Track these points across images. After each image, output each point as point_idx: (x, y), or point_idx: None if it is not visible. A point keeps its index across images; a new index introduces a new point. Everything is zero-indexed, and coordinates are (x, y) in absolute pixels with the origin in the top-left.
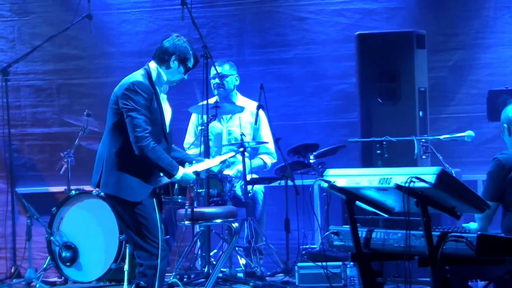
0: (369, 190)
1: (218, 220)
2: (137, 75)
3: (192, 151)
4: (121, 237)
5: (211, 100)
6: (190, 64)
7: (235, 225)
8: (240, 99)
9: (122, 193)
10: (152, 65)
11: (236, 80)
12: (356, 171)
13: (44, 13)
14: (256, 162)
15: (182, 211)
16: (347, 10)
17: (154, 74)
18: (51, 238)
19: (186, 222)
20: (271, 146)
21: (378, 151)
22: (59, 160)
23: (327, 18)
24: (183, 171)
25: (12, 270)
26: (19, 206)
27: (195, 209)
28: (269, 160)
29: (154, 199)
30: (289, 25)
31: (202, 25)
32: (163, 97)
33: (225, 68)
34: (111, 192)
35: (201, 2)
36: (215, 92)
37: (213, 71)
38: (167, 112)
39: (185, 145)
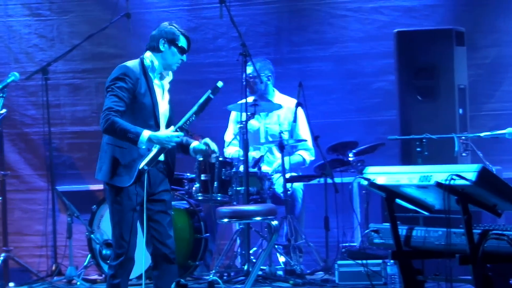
0: (409, 187)
1: (258, 218)
2: (127, 62)
3: (232, 149)
4: None
5: (249, 99)
6: (181, 43)
7: (275, 223)
8: (277, 97)
9: (111, 179)
10: (147, 54)
11: (269, 79)
12: (396, 168)
13: (83, 12)
14: (295, 158)
15: (221, 208)
16: (386, 8)
17: (147, 62)
18: (92, 236)
19: (225, 220)
20: (309, 143)
21: (418, 149)
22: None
23: (365, 16)
24: (149, 134)
25: (53, 268)
26: (60, 204)
27: (235, 207)
28: (308, 156)
29: (136, 200)
30: (327, 23)
31: (241, 23)
32: (163, 85)
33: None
34: (102, 178)
35: (240, 0)
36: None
37: (248, 70)
38: (165, 99)
39: (226, 139)
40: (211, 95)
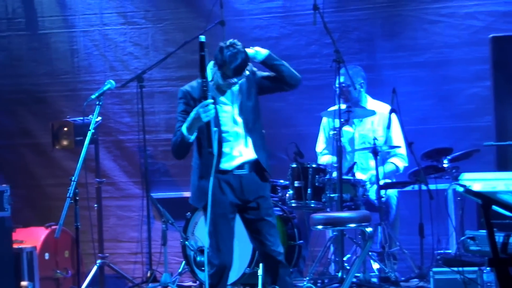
0: (506, 194)
1: (352, 225)
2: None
3: (326, 157)
4: None
5: (342, 105)
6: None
7: (369, 229)
8: (370, 103)
9: (191, 200)
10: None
11: (362, 86)
12: (492, 175)
13: (177, 20)
14: (388, 167)
15: (315, 215)
16: (480, 13)
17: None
18: (186, 242)
19: (319, 227)
20: (403, 150)
21: None
22: None
23: (459, 21)
24: (184, 127)
25: (148, 274)
26: (154, 211)
27: (329, 214)
28: (401, 163)
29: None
30: (420, 29)
31: (334, 29)
32: (232, 91)
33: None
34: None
35: (333, 7)
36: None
37: (342, 78)
38: (236, 104)
39: (318, 151)
40: (202, 53)
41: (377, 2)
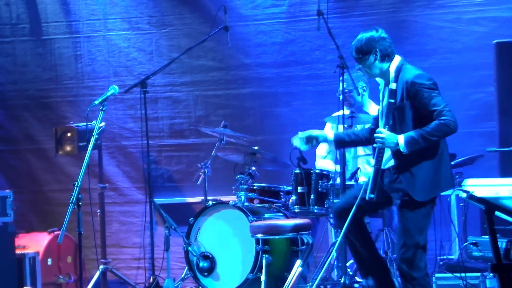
0: (509, 200)
1: (290, 234)
2: None
3: (326, 163)
4: (257, 247)
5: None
6: None
7: (307, 238)
8: (373, 108)
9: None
10: None
11: (364, 89)
12: (495, 181)
13: (182, 25)
14: None
15: (255, 223)
16: (484, 19)
17: None
18: (189, 248)
19: (259, 235)
20: None
21: None
22: (196, 170)
23: (463, 27)
24: None
25: (151, 280)
26: (157, 216)
27: (267, 222)
28: None
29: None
30: (425, 34)
31: (338, 35)
32: (386, 89)
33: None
34: None
35: (337, 13)
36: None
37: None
38: (385, 102)
39: (317, 153)
40: (391, 100)
41: (381, 8)
